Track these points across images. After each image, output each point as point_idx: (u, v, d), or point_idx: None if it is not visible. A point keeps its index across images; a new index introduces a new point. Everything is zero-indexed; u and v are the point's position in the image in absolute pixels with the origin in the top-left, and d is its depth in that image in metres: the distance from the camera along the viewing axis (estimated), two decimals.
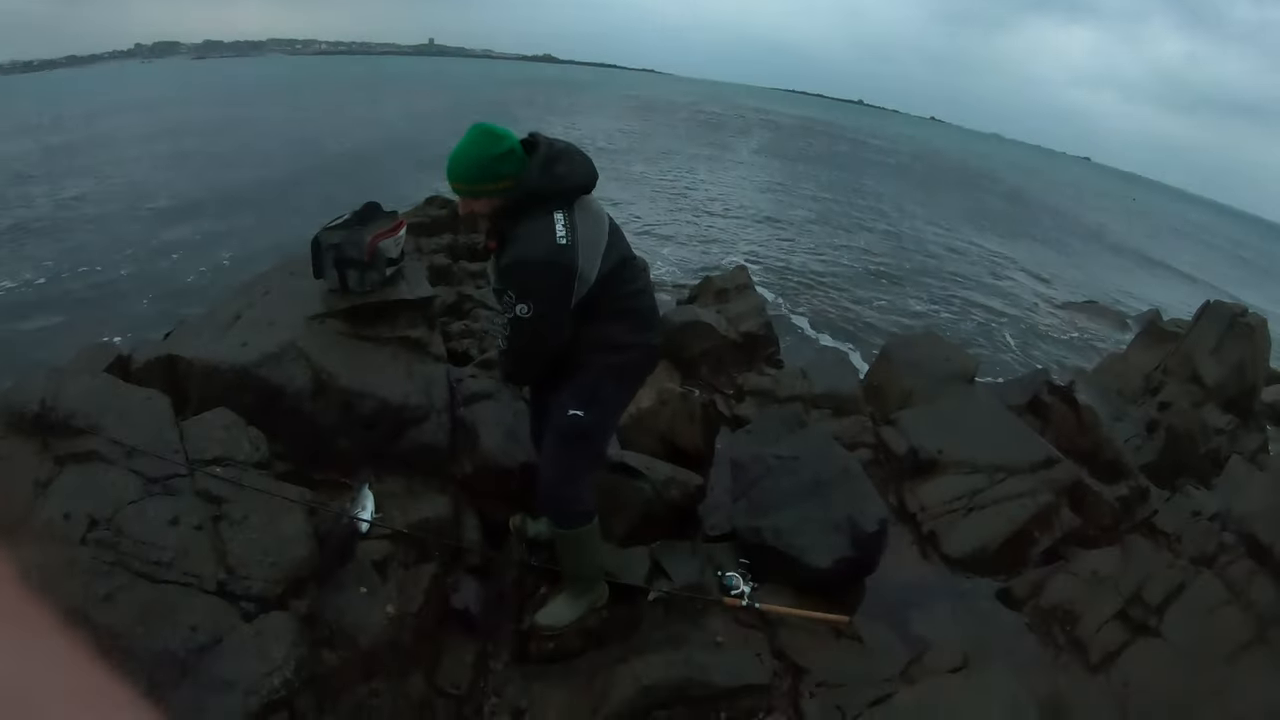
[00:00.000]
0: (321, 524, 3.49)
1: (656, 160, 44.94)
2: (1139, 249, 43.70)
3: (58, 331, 14.47)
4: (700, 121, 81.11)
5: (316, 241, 5.14)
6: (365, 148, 39.63)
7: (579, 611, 4.39)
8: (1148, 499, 6.87)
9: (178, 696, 2.60)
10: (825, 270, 22.57)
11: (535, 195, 3.49)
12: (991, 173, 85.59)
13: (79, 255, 19.70)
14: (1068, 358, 16.97)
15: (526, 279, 3.44)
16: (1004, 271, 27.99)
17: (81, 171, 32.28)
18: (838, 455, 5.14)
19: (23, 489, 3.32)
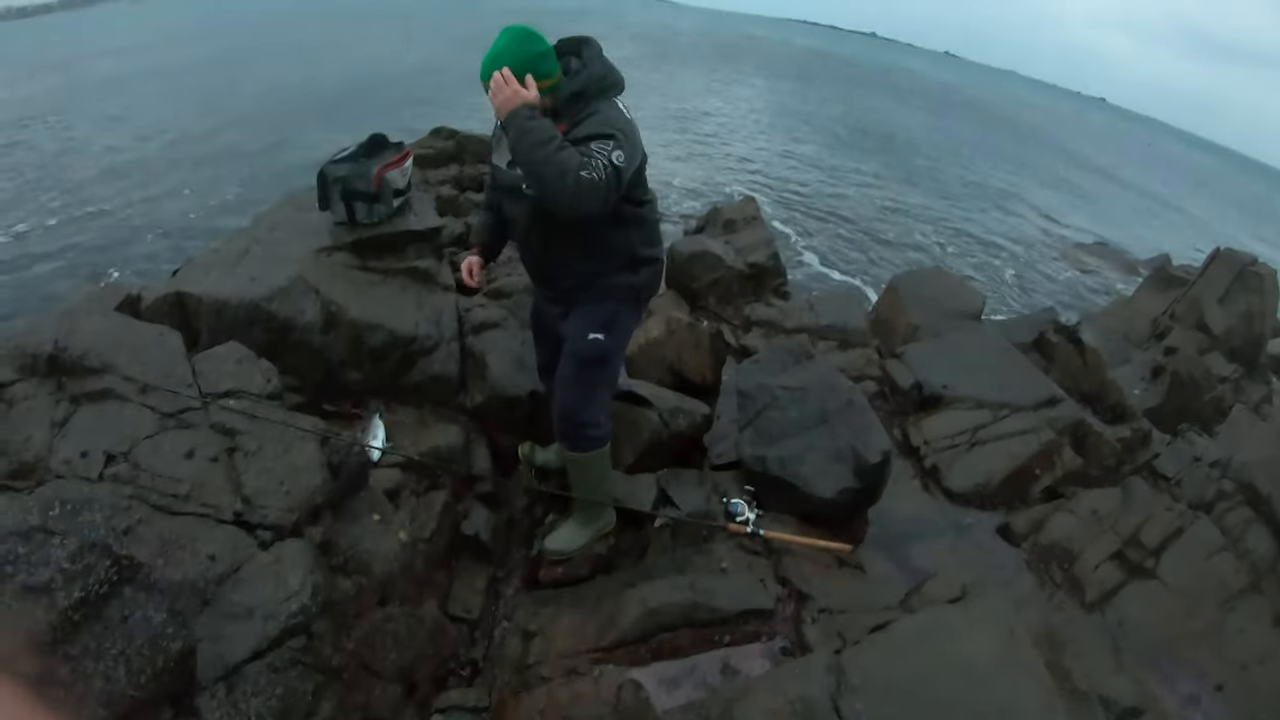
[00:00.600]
0: (334, 453, 3.53)
1: (666, 91, 44.37)
2: (1152, 193, 43.23)
3: (66, 271, 14.45)
4: (710, 52, 79.95)
5: (322, 174, 5.15)
6: (367, 80, 39.13)
7: (587, 537, 4.48)
8: (1149, 443, 6.90)
9: (199, 624, 2.67)
10: (835, 202, 22.43)
11: (603, 83, 3.56)
12: (1006, 109, 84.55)
13: (84, 195, 19.59)
14: (1075, 298, 16.93)
15: (622, 136, 3.41)
16: (1015, 209, 27.79)
17: (83, 113, 31.95)
18: (843, 387, 5.17)
19: (40, 429, 3.37)
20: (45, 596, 2.04)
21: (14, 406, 3.50)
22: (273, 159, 22.22)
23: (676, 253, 8.72)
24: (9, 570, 2.03)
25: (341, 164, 5.15)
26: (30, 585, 2.03)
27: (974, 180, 32.41)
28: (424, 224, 5.40)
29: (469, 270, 4.29)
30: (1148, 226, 31.23)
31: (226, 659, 2.66)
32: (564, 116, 3.52)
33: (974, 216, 24.96)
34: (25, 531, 2.10)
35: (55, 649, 2.02)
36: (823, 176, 27.05)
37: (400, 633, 3.48)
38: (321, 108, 31.09)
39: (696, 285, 8.55)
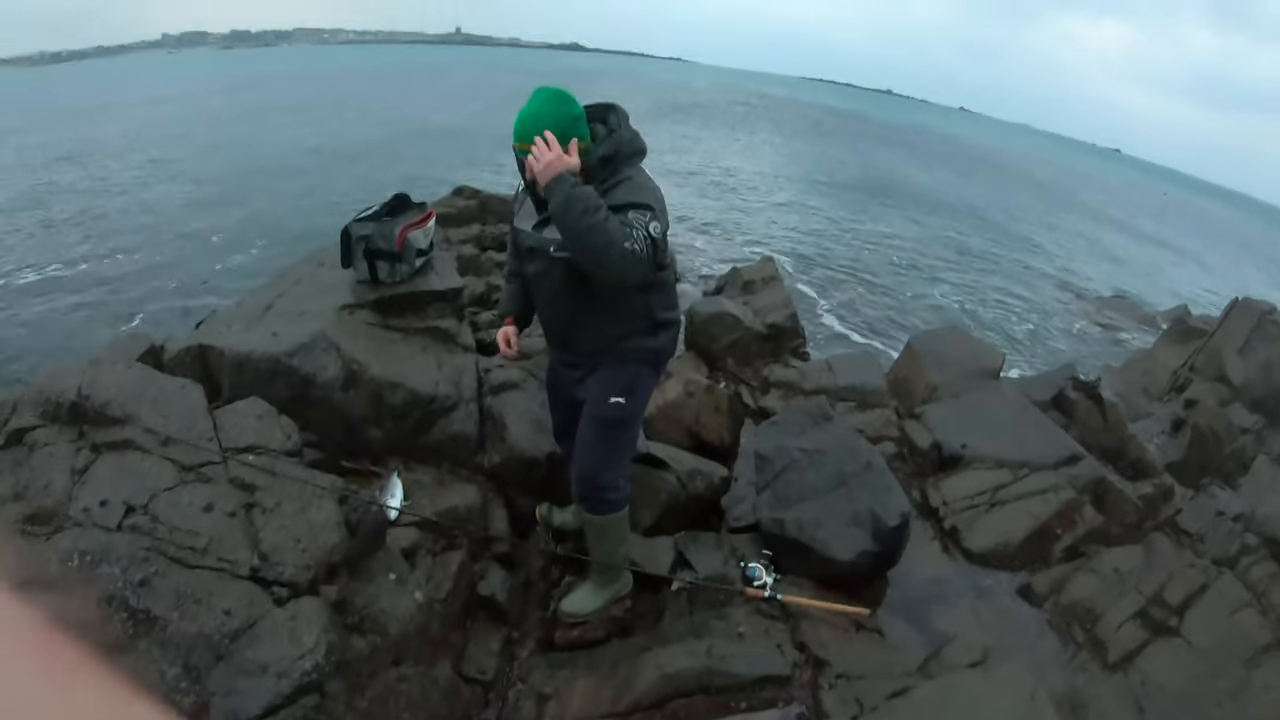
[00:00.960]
0: (352, 512, 3.53)
1: (684, 149, 44.80)
2: (1169, 243, 43.13)
3: (93, 316, 14.60)
4: (729, 110, 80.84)
5: (346, 233, 5.20)
6: (392, 138, 39.69)
7: (603, 600, 4.45)
8: (1171, 498, 6.81)
9: (212, 679, 2.66)
10: (853, 261, 22.47)
11: (630, 148, 3.62)
12: (1020, 163, 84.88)
13: (111, 242, 19.86)
14: (1094, 353, 16.84)
15: (658, 207, 3.46)
16: (1031, 264, 27.78)
17: (115, 156, 32.58)
18: (862, 449, 5.15)
19: (61, 476, 3.39)
20: None
21: (34, 451, 3.53)
22: (298, 212, 22.46)
23: (695, 314, 8.75)
24: None
25: (365, 223, 5.21)
26: None
27: (990, 236, 32.43)
28: (445, 284, 5.44)
29: (506, 340, 4.26)
30: (1165, 277, 31.15)
31: (239, 715, 2.65)
32: (594, 181, 3.50)
33: (991, 272, 24.96)
34: (46, 583, 2.09)
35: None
36: (840, 234, 27.15)
37: (414, 693, 3.45)
38: (346, 163, 31.49)
39: (715, 347, 8.56)
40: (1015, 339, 17.65)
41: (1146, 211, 60.12)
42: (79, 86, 66.74)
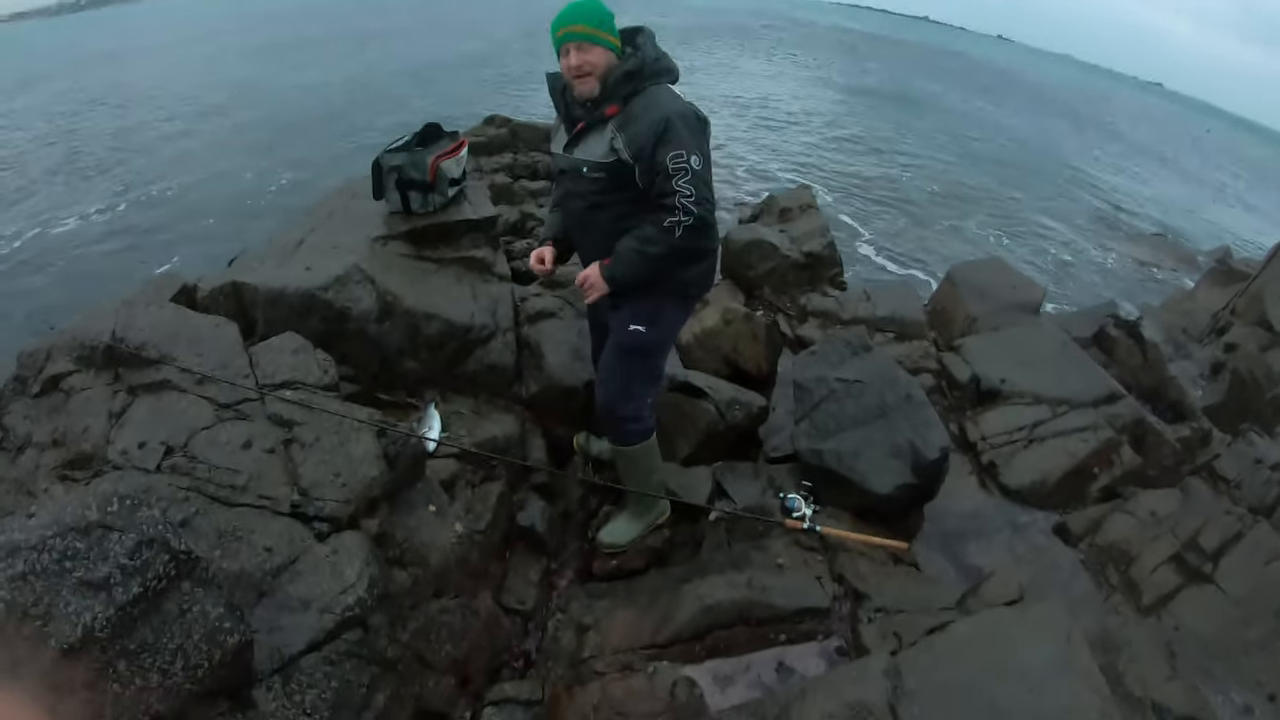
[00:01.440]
0: (390, 444, 3.53)
1: (718, 74, 44.16)
2: (1211, 182, 42.20)
3: (126, 262, 14.64)
4: (761, 35, 79.38)
5: (377, 164, 5.16)
6: (420, 67, 39.36)
7: (640, 530, 4.47)
8: (1209, 442, 6.71)
9: (255, 617, 2.67)
10: (892, 189, 22.17)
11: (655, 65, 3.55)
12: (1061, 93, 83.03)
13: (144, 185, 19.90)
14: (1134, 291, 16.57)
15: (689, 130, 3.42)
16: (1073, 196, 27.31)
17: (138, 99, 32.54)
18: (901, 380, 5.09)
19: (98, 420, 3.41)
20: (104, 592, 2.04)
21: (71, 397, 3.55)
22: (329, 144, 22.41)
23: (732, 241, 8.65)
24: (68, 566, 2.03)
25: (396, 153, 5.15)
26: (89, 581, 2.03)
27: (1030, 166, 31.88)
28: (479, 213, 5.39)
29: (540, 257, 4.19)
30: (1207, 216, 30.57)
31: (283, 651, 2.66)
32: (615, 96, 3.52)
33: (1031, 204, 24.57)
34: (84, 527, 2.10)
35: (113, 643, 2.02)
36: (879, 162, 26.77)
37: (455, 625, 3.47)
38: (374, 96, 31.31)
39: (752, 274, 8.48)
40: (1054, 272, 17.42)
41: (1189, 148, 58.87)
42: (103, 33, 66.50)
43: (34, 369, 3.79)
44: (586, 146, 3.66)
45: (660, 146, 3.39)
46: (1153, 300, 14.57)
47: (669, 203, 3.41)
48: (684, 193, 3.38)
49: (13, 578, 1.97)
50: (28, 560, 2.00)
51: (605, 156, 3.57)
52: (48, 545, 2.04)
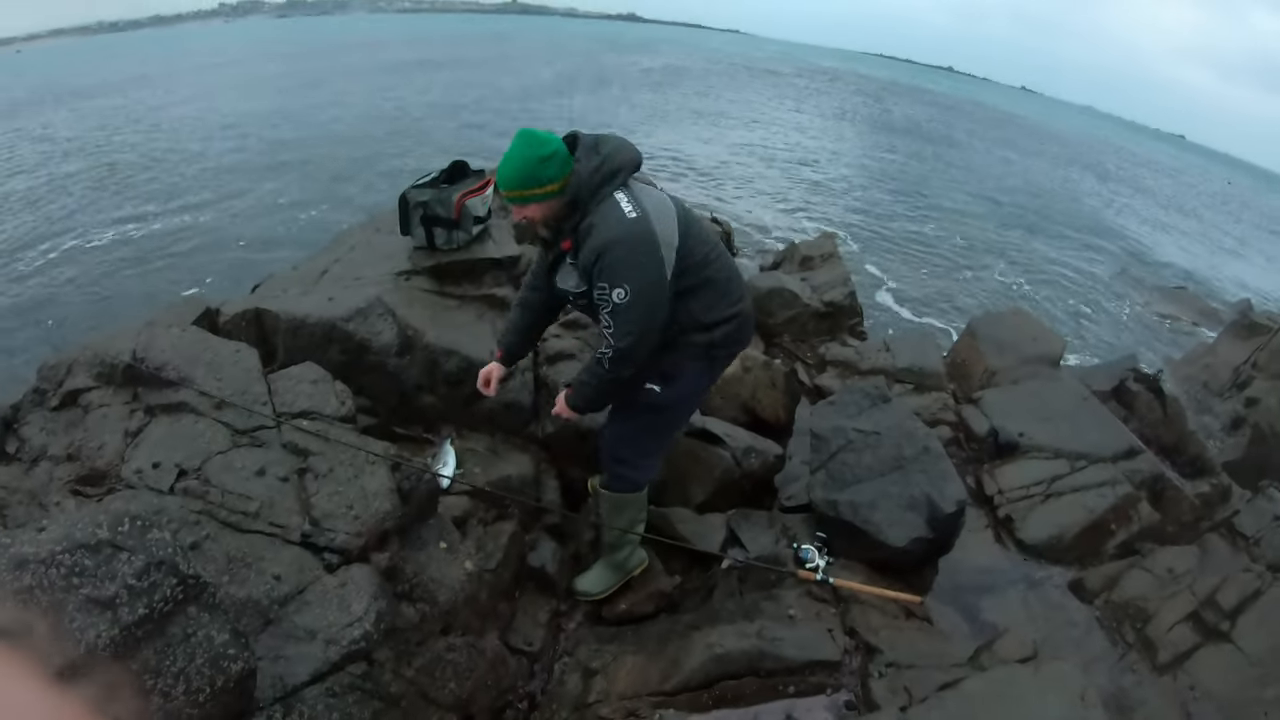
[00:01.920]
0: (405, 479, 3.52)
1: (750, 120, 44.50)
2: (1234, 234, 42.08)
3: (152, 277, 14.82)
4: (790, 83, 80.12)
5: (404, 199, 5.20)
6: (451, 105, 39.80)
7: (614, 579, 4.46)
8: (1229, 498, 6.68)
9: (260, 644, 2.65)
10: (914, 238, 22.17)
11: (591, 183, 3.42)
12: (1085, 145, 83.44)
13: (174, 203, 20.15)
14: (1155, 344, 16.52)
15: (614, 261, 3.33)
16: (1095, 246, 27.27)
17: (177, 123, 33.07)
18: (919, 433, 5.05)
19: (114, 437, 3.42)
20: (109, 611, 2.04)
21: (89, 413, 3.57)
22: (360, 177, 22.62)
23: (753, 288, 8.63)
24: (75, 582, 2.03)
25: (423, 189, 5.20)
26: (95, 598, 2.04)
27: (1053, 217, 31.89)
28: (502, 252, 5.43)
29: (486, 380, 4.13)
30: (1229, 270, 30.44)
31: (286, 681, 2.65)
32: (565, 232, 3.52)
33: (1053, 254, 24.55)
34: (94, 545, 2.10)
35: (115, 664, 2.01)
36: (903, 211, 26.81)
37: (461, 663, 3.44)
38: (405, 130, 31.63)
39: (772, 322, 8.48)
40: (1075, 324, 17.37)
41: (1210, 200, 58.84)
42: (137, 54, 68.02)
43: (54, 382, 3.82)
44: (563, 276, 3.69)
45: (593, 279, 3.40)
46: (1174, 354, 14.53)
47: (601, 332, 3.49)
48: (605, 325, 3.43)
49: (19, 591, 1.97)
50: (35, 574, 2.01)
51: (577, 287, 3.59)
52: (56, 560, 2.04)
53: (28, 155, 27.29)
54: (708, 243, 3.69)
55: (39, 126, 33.86)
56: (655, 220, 3.40)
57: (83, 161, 25.35)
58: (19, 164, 25.70)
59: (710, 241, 3.72)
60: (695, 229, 3.64)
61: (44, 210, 19.86)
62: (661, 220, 3.43)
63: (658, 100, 48.99)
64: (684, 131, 36.88)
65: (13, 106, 40.79)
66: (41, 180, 23.02)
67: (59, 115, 36.27)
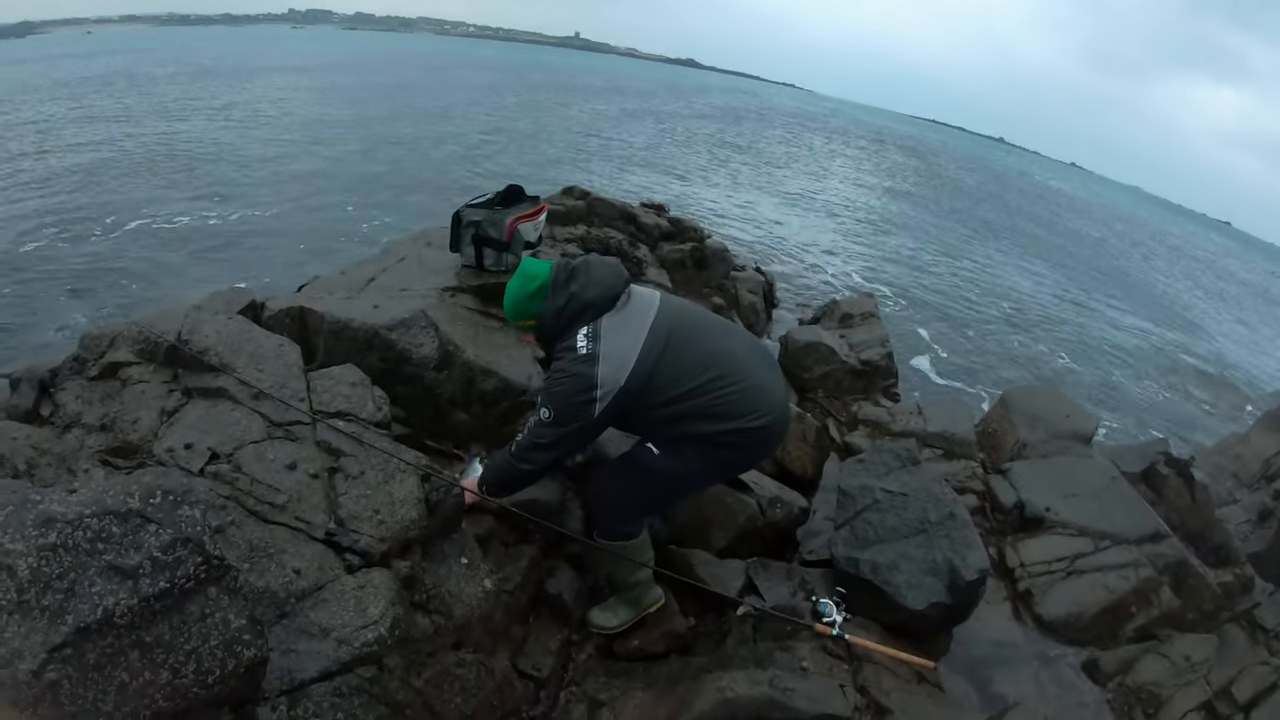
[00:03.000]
0: (433, 491, 3.53)
1: (803, 176, 44.69)
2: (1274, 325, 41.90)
3: (200, 265, 15.02)
4: (847, 143, 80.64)
5: (458, 216, 5.25)
6: (509, 132, 40.25)
7: (629, 615, 4.40)
8: (1251, 590, 6.60)
9: (273, 635, 2.65)
10: (955, 305, 22.11)
11: (556, 325, 3.67)
12: (1131, 225, 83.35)
13: (236, 196, 20.48)
14: (1188, 429, 16.37)
15: (549, 387, 3.63)
16: (1135, 330, 27.13)
17: (246, 119, 33.70)
18: (947, 498, 5.02)
19: (150, 414, 3.45)
20: (131, 580, 2.05)
21: (127, 387, 3.61)
22: (411, 194, 22.84)
23: (790, 341, 8.71)
24: (100, 547, 2.05)
25: (478, 209, 5.25)
26: (118, 566, 2.05)
27: (1095, 294, 31.75)
28: None
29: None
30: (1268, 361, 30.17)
31: (294, 675, 2.65)
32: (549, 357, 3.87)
33: (1093, 331, 24.41)
34: (124, 513, 2.11)
35: (130, 632, 2.01)
36: (946, 275, 26.76)
37: (469, 679, 3.42)
38: (466, 149, 31.99)
39: (807, 376, 8.49)
40: (1109, 402, 17.23)
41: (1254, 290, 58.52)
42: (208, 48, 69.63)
43: (95, 353, 3.86)
44: None
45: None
46: (1205, 440, 14.38)
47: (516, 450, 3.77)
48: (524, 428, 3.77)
49: (43, 547, 1.99)
50: (61, 533, 2.02)
51: None
52: (84, 523, 2.06)
53: (98, 133, 27.86)
54: (704, 365, 3.64)
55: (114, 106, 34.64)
56: (604, 362, 3.51)
57: (154, 145, 25.87)
58: (89, 140, 26.23)
59: (707, 363, 3.65)
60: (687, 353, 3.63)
61: (112, 187, 20.22)
62: (612, 361, 3.52)
63: (713, 146, 49.30)
64: (738, 179, 37.07)
65: (85, 84, 41.77)
66: (111, 156, 23.49)
67: (130, 99, 37.04)
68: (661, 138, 48.73)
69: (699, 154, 44.37)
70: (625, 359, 3.51)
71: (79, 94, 37.88)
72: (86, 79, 44.51)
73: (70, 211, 17.71)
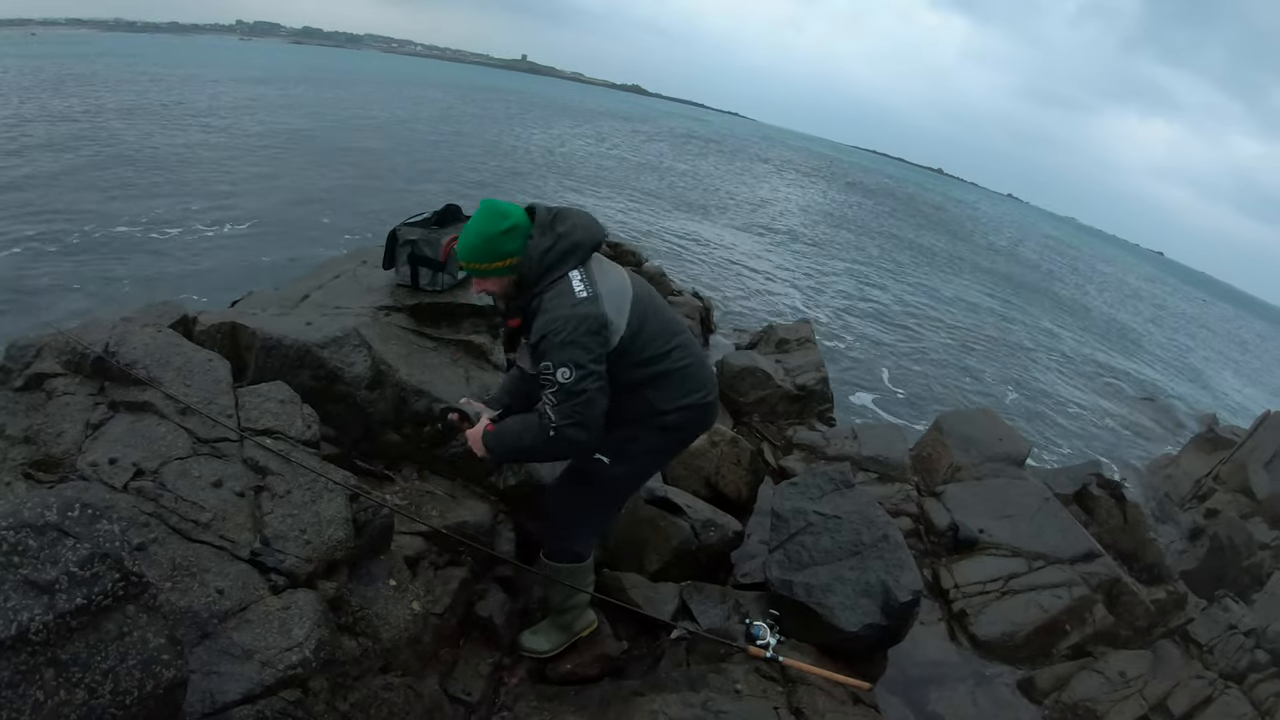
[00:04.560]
0: (361, 511, 3.47)
1: (743, 202, 44.91)
2: (1204, 351, 42.93)
3: (127, 282, 14.71)
4: (788, 170, 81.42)
5: (394, 235, 5.22)
6: (451, 153, 40.11)
7: (559, 640, 4.38)
8: (1184, 606, 6.79)
9: (195, 656, 2.59)
10: (891, 331, 22.29)
11: (542, 264, 3.36)
12: (1068, 258, 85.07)
13: (178, 206, 20.13)
14: (1120, 451, 16.65)
15: (561, 340, 3.24)
16: (1069, 353, 27.58)
17: (191, 125, 33.33)
18: (880, 520, 5.06)
19: (75, 427, 3.38)
20: (46, 595, 2.00)
21: (53, 398, 3.54)
22: (348, 211, 22.59)
23: (727, 365, 8.75)
24: (15, 560, 1.99)
25: (414, 228, 5.23)
26: (33, 581, 1.99)
27: (1030, 321, 32.27)
28: (484, 300, 5.42)
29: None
30: (1197, 385, 30.84)
31: (216, 697, 2.59)
32: (513, 310, 3.52)
33: (1027, 357, 24.77)
34: (40, 526, 2.05)
35: (45, 649, 1.95)
36: (884, 300, 26.98)
37: (396, 703, 3.36)
38: (405, 171, 31.78)
39: (743, 401, 8.53)
40: (1042, 427, 17.47)
41: (1187, 317, 60.11)
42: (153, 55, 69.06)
43: (21, 363, 3.77)
44: (521, 356, 3.73)
45: (540, 358, 3.30)
46: (1138, 462, 14.67)
47: (540, 408, 3.34)
48: (548, 401, 3.28)
49: None
50: None
51: (532, 368, 3.47)
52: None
53: (39, 135, 27.30)
54: (670, 333, 3.61)
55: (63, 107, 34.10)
56: (606, 301, 3.35)
57: (91, 156, 25.35)
58: (35, 143, 25.67)
59: (673, 331, 3.63)
60: (656, 318, 3.57)
61: (53, 193, 19.77)
62: (613, 302, 3.38)
63: (655, 171, 49.47)
64: (678, 204, 37.18)
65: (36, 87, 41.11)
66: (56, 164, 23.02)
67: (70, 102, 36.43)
68: (605, 160, 48.87)
69: (643, 177, 44.51)
70: (621, 304, 3.41)
71: (30, 96, 37.19)
72: (40, 82, 43.76)
73: (6, 218, 17.30)
